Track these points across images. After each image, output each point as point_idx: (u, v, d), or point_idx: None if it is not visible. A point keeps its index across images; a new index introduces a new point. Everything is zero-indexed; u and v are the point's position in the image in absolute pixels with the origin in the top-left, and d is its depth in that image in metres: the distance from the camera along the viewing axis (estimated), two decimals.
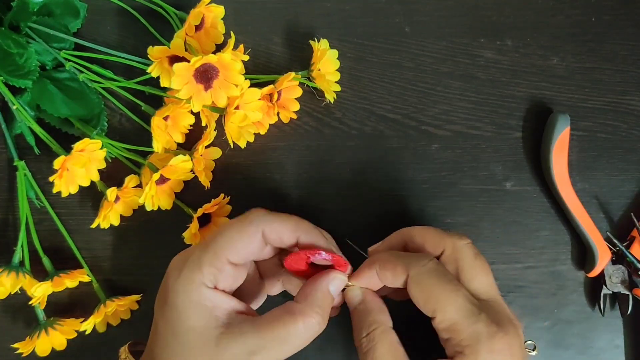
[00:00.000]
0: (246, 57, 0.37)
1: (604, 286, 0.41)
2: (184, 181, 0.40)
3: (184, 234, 0.38)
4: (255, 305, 0.37)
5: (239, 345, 0.29)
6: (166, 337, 0.30)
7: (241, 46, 0.37)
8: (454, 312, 0.30)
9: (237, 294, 0.33)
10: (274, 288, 0.37)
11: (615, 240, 0.41)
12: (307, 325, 0.30)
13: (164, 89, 0.38)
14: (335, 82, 0.42)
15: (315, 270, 0.33)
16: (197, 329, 0.29)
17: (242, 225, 0.32)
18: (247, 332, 0.30)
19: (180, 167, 0.38)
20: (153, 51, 0.35)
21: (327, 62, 0.41)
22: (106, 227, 0.39)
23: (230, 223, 0.32)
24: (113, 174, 0.40)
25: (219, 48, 0.42)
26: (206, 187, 0.40)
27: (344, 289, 0.34)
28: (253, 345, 0.29)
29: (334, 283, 0.32)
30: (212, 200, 0.38)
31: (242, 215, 0.33)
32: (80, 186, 0.38)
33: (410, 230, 0.35)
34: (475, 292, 0.32)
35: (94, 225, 0.38)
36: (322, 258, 0.32)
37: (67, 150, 0.36)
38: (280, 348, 0.30)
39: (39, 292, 0.37)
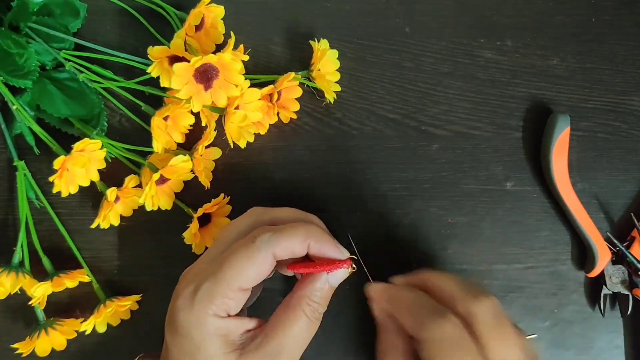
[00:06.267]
0: (246, 57, 0.37)
1: (604, 286, 0.41)
2: (184, 181, 0.40)
3: (184, 234, 0.38)
4: (253, 300, 0.37)
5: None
6: None
7: (241, 46, 0.37)
8: None
9: None
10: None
11: (615, 241, 0.41)
12: (310, 313, 0.31)
13: (164, 89, 0.38)
14: (335, 82, 0.42)
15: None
16: (216, 357, 0.30)
17: (252, 252, 0.30)
18: (262, 344, 0.30)
19: (180, 167, 0.38)
20: (153, 51, 0.35)
21: (327, 62, 0.41)
22: (106, 227, 0.39)
23: (237, 249, 0.31)
24: (113, 174, 0.40)
25: (219, 48, 0.41)
26: (206, 187, 0.40)
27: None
28: (271, 353, 0.30)
29: (335, 275, 0.32)
30: (212, 200, 0.38)
31: (248, 238, 0.31)
32: (80, 186, 0.38)
33: (434, 280, 0.34)
34: None
35: (94, 226, 0.38)
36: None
37: (67, 150, 0.36)
38: (295, 344, 0.31)
39: (39, 292, 0.37)
